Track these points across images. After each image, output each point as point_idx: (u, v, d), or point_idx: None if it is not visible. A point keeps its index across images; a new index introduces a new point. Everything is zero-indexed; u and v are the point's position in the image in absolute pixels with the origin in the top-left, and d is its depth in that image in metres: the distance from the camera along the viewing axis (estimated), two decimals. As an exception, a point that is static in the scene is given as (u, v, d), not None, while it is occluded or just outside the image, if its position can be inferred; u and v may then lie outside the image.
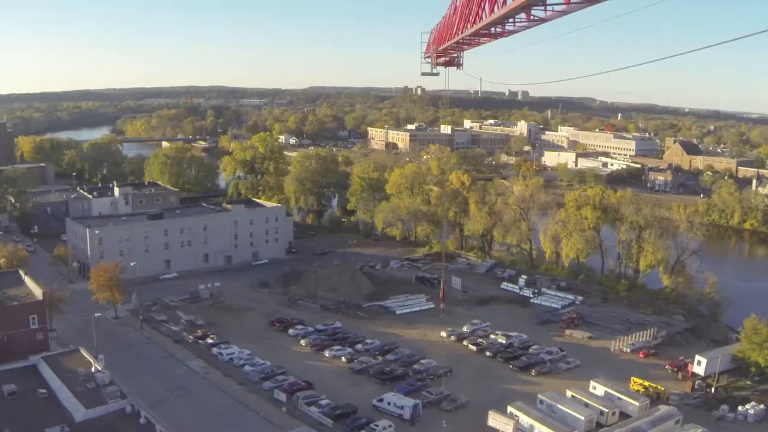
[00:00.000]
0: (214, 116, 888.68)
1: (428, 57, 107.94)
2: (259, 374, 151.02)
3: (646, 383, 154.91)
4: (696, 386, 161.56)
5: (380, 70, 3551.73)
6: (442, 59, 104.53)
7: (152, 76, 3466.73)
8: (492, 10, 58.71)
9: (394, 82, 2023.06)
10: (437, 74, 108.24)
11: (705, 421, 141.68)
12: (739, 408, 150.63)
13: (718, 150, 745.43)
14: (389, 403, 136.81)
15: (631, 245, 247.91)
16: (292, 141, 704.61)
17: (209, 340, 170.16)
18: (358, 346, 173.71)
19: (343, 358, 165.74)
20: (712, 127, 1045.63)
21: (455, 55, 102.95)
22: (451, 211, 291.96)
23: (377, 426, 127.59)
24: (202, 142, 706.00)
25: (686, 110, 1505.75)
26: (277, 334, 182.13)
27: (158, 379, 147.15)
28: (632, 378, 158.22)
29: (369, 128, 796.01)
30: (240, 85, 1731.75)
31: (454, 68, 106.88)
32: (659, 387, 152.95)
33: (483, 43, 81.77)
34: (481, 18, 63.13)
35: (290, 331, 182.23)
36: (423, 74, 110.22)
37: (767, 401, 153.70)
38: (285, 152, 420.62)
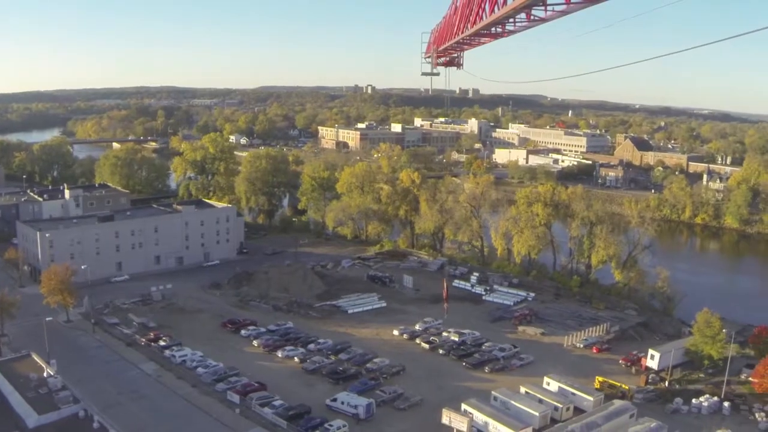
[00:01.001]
0: (165, 117, 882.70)
1: (429, 57, 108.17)
2: (212, 376, 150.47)
3: (611, 381, 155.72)
4: (650, 380, 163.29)
5: (331, 69, 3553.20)
6: (443, 59, 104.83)
7: (103, 77, 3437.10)
8: (492, 10, 59.00)
9: (344, 80, 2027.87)
10: (437, 74, 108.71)
11: (659, 415, 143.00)
12: (693, 401, 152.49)
13: (669, 146, 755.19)
14: (343, 403, 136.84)
15: (582, 241, 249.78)
16: (243, 141, 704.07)
17: (162, 343, 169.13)
18: (311, 346, 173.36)
19: (295, 358, 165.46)
20: (662, 123, 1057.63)
21: (455, 55, 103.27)
22: (402, 210, 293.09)
23: (331, 426, 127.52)
24: (153, 143, 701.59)
25: (637, 107, 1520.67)
26: (230, 335, 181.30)
27: (111, 383, 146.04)
28: (597, 377, 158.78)
29: (319, 127, 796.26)
30: (191, 85, 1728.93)
31: (454, 68, 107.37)
32: (623, 386, 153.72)
33: (483, 43, 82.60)
34: (481, 18, 63.41)
35: (242, 332, 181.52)
36: (423, 74, 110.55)
37: (721, 393, 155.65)
38: (235, 152, 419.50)
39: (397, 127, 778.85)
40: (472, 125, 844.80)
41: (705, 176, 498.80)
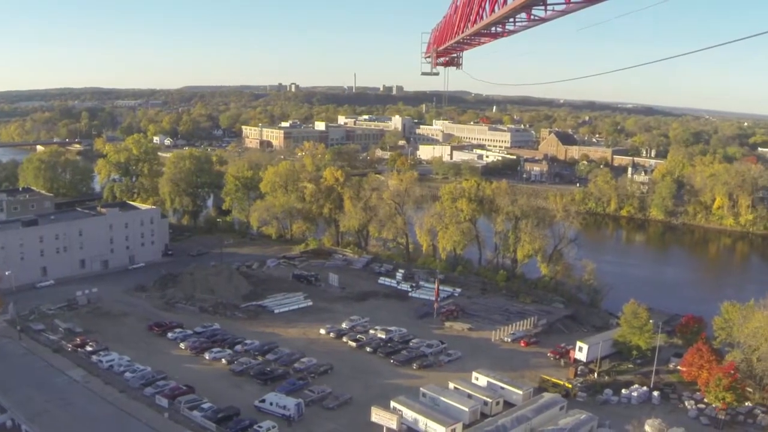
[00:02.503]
0: (89, 118, 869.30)
1: (428, 57, 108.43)
2: (140, 380, 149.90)
3: (553, 379, 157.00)
4: (579, 372, 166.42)
5: (255, 68, 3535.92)
6: (442, 59, 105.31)
7: (26, 79, 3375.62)
8: (492, 10, 59.54)
9: (268, 79, 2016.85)
10: (437, 74, 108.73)
11: (589, 406, 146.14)
12: (623, 391, 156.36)
13: (594, 140, 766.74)
14: (271, 404, 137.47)
15: (507, 236, 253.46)
16: (167, 142, 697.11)
17: (88, 348, 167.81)
18: (238, 347, 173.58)
19: (223, 359, 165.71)
20: (587, 118, 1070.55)
21: (455, 55, 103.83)
22: (326, 208, 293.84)
23: (261, 427, 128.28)
24: (77, 145, 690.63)
25: (561, 102, 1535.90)
26: (156, 338, 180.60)
27: (38, 391, 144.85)
28: (541, 375, 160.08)
29: (243, 127, 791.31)
30: (114, 86, 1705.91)
31: (453, 68, 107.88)
32: (567, 384, 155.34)
33: (483, 43, 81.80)
34: (481, 18, 63.47)
35: (169, 334, 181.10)
36: (423, 74, 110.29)
37: (650, 383, 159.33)
38: (160, 153, 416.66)
39: (320, 126, 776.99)
40: (396, 122, 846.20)
41: (630, 169, 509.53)
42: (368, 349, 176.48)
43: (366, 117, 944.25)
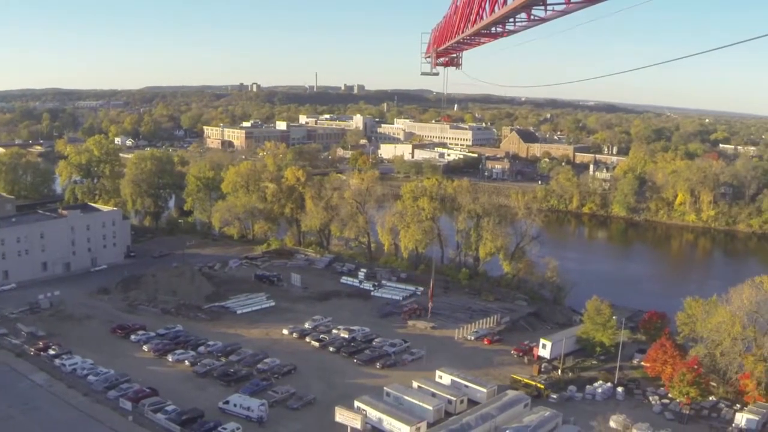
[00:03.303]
0: (50, 120, 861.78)
1: (428, 57, 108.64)
2: (103, 383, 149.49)
3: (525, 380, 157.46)
4: (542, 369, 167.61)
5: (216, 68, 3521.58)
6: (442, 59, 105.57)
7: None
8: (492, 10, 59.75)
9: (229, 79, 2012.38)
10: (437, 74, 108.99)
11: (554, 403, 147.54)
12: (587, 388, 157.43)
13: (555, 137, 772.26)
14: (235, 405, 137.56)
15: (469, 234, 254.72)
16: (129, 143, 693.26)
17: (51, 352, 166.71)
18: (201, 349, 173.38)
19: (186, 361, 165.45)
20: (548, 115, 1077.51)
21: (455, 55, 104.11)
22: (288, 208, 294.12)
23: (225, 429, 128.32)
24: (38, 147, 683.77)
25: (523, 99, 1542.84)
26: (119, 340, 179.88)
27: (1, 396, 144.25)
28: (512, 375, 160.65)
29: (205, 127, 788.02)
30: (76, 86, 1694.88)
31: (453, 68, 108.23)
32: (539, 384, 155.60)
33: (483, 43, 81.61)
34: (481, 18, 63.80)
35: (132, 337, 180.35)
36: (423, 74, 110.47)
37: (614, 379, 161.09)
38: (121, 154, 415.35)
39: (282, 125, 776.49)
40: (357, 121, 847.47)
41: (591, 166, 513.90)
42: (331, 348, 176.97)
43: (327, 116, 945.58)
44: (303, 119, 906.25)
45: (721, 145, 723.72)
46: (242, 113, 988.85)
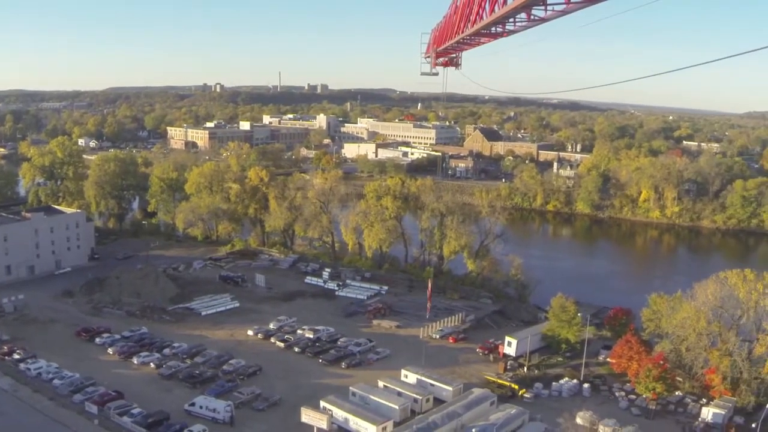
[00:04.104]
0: (13, 121, 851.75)
1: (428, 57, 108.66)
2: (69, 387, 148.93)
3: (500, 381, 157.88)
4: (508, 367, 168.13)
5: (180, 68, 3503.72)
6: (442, 59, 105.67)
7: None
8: (492, 10, 59.66)
9: (193, 79, 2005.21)
10: (436, 74, 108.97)
11: (520, 401, 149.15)
12: (553, 384, 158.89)
13: (519, 135, 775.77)
14: (201, 407, 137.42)
15: (433, 232, 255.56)
16: (92, 144, 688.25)
17: (16, 356, 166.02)
18: (166, 351, 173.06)
19: (151, 364, 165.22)
20: (512, 114, 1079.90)
21: (454, 55, 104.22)
22: (252, 208, 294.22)
23: (191, 431, 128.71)
24: (2, 149, 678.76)
25: (486, 98, 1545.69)
26: (84, 344, 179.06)
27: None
28: (486, 377, 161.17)
29: (168, 128, 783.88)
30: (39, 88, 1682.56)
31: (453, 68, 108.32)
32: (513, 385, 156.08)
33: (483, 43, 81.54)
34: (481, 18, 63.87)
35: (97, 339, 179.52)
36: (423, 74, 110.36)
37: (580, 376, 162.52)
38: (85, 156, 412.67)
39: (245, 125, 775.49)
40: (320, 121, 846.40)
41: (555, 164, 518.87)
42: (296, 349, 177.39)
43: (291, 116, 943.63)
44: (266, 119, 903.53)
45: (684, 142, 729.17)
46: (206, 114, 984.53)
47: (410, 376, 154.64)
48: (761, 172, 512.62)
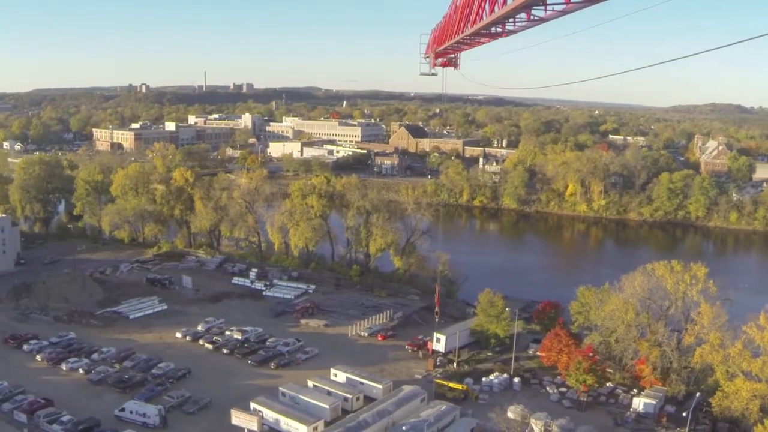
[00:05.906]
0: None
1: (428, 57, 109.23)
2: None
3: (450, 384, 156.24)
4: (438, 363, 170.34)
5: (105, 69, 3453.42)
6: (441, 60, 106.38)
7: None
8: (492, 10, 60.01)
9: (119, 80, 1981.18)
10: (435, 74, 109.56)
11: (475, 403, 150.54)
12: (483, 380, 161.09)
13: (445, 132, 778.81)
14: (131, 412, 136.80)
15: (359, 230, 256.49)
16: (17, 147, 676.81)
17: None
18: (95, 356, 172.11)
19: (80, 369, 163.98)
20: (438, 110, 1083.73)
21: (453, 55, 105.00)
22: (177, 209, 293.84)
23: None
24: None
25: (412, 95, 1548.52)
26: (12, 351, 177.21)
27: None
28: (436, 380, 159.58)
29: (94, 129, 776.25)
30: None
31: (452, 68, 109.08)
32: (464, 387, 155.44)
33: (482, 43, 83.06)
34: (481, 18, 64.39)
35: (25, 346, 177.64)
36: (422, 74, 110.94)
37: (510, 370, 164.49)
38: (9, 159, 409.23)
39: (171, 126, 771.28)
40: (246, 120, 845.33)
41: (481, 160, 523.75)
42: (225, 350, 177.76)
43: (216, 116, 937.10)
44: (192, 119, 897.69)
45: (610, 136, 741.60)
46: (131, 115, 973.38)
47: (340, 375, 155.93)
48: (687, 165, 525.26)
